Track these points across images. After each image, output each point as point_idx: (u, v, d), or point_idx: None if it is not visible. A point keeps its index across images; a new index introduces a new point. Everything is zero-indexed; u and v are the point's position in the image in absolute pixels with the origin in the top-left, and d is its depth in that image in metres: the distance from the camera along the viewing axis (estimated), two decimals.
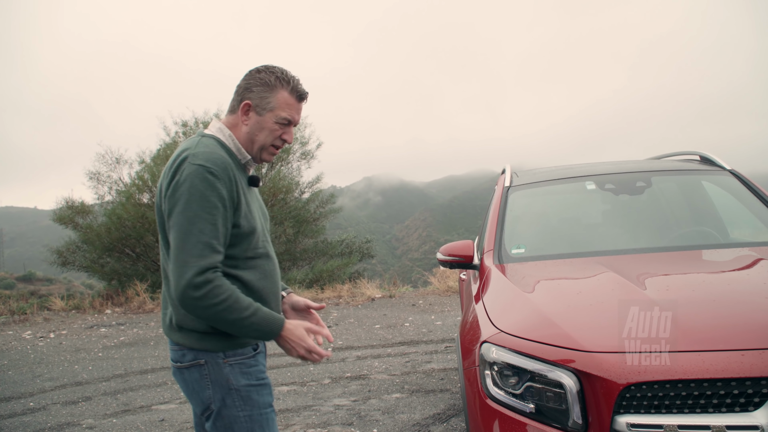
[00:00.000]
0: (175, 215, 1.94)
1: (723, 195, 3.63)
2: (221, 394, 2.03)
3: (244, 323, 1.96)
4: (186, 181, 1.94)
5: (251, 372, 2.09)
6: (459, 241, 3.49)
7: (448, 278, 12.06)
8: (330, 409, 5.02)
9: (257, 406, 2.08)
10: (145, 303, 12.21)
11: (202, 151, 2.00)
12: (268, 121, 2.12)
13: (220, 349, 2.04)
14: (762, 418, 1.80)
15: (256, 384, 2.09)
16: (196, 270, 1.89)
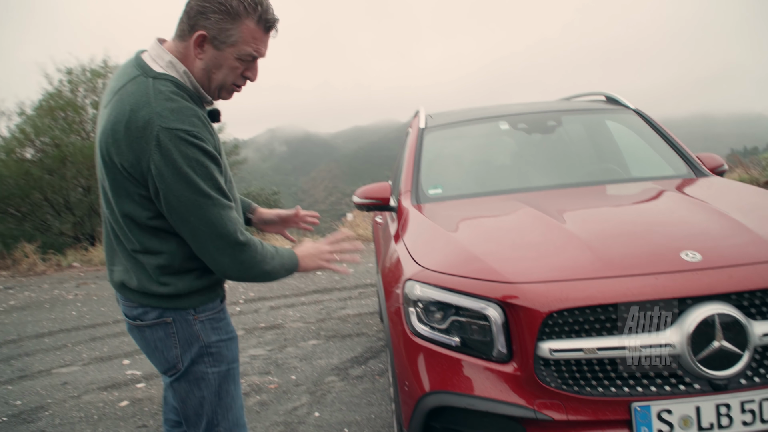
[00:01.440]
0: (180, 194, 1.69)
1: (628, 133, 3.78)
2: (191, 353, 1.88)
3: (277, 266, 1.90)
4: (173, 153, 1.65)
5: (221, 327, 1.96)
6: (375, 183, 3.45)
7: (357, 227, 12.09)
8: (246, 360, 4.96)
9: (226, 361, 1.96)
10: (35, 265, 11.51)
11: (168, 107, 1.67)
12: (228, 57, 1.77)
13: (191, 306, 1.87)
14: (673, 336, 1.90)
15: (226, 339, 1.96)
16: (233, 233, 1.76)
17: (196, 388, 1.91)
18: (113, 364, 5.23)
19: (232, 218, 1.77)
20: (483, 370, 2.08)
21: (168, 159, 1.65)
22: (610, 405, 1.94)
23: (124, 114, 1.67)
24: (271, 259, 1.88)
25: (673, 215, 2.50)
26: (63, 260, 12.05)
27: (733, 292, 1.93)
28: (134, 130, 1.65)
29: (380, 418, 3.59)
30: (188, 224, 1.73)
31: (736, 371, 1.90)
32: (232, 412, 1.99)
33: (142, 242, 1.79)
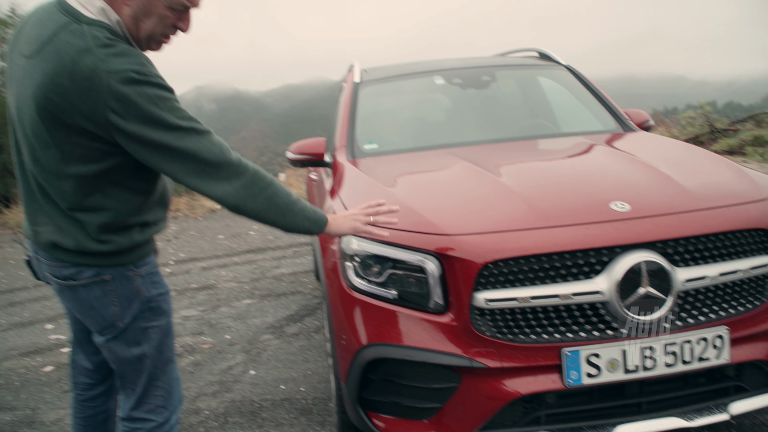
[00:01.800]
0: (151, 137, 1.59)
1: (560, 89, 3.84)
2: (132, 309, 1.81)
3: (294, 209, 1.80)
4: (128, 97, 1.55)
5: (159, 281, 1.90)
6: (310, 139, 3.39)
7: (290, 186, 11.97)
8: (178, 321, 4.85)
9: (165, 315, 1.91)
10: None
11: (111, 53, 1.56)
12: (158, 4, 1.66)
13: (130, 262, 1.79)
14: (602, 284, 1.97)
15: (164, 292, 1.91)
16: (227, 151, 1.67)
17: (135, 345, 1.85)
18: (35, 329, 5.02)
19: (216, 142, 1.69)
20: (420, 321, 2.10)
21: (128, 104, 1.56)
22: (542, 351, 2.00)
23: (65, 66, 1.55)
24: (285, 195, 1.79)
25: (604, 168, 2.57)
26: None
27: (658, 240, 2.01)
28: (81, 81, 1.54)
29: (317, 374, 3.60)
30: (173, 162, 1.65)
31: (660, 315, 1.99)
32: (170, 366, 1.96)
33: (83, 199, 1.69)
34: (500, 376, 2.02)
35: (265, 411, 3.21)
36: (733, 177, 2.41)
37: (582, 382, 1.99)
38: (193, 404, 3.37)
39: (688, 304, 2.06)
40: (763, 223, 2.11)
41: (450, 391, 2.08)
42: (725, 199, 2.18)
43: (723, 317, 2.07)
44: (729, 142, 11.36)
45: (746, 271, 2.07)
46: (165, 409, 1.95)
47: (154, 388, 1.92)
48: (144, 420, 1.93)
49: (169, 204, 1.96)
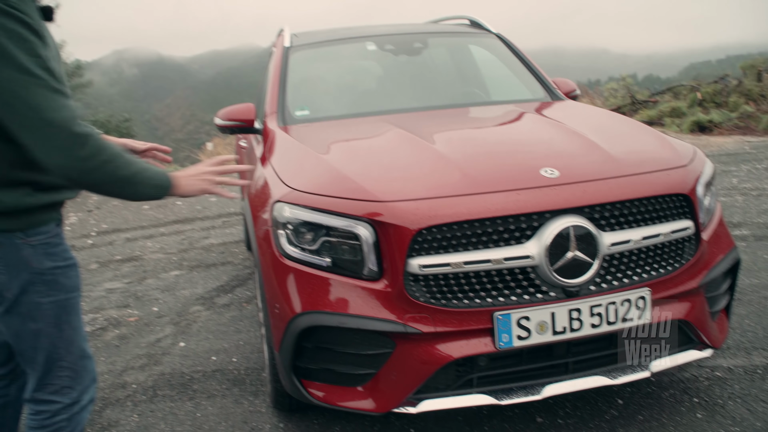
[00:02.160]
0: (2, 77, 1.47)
1: (490, 57, 3.87)
2: (20, 280, 1.69)
3: (138, 179, 1.68)
4: None
5: (57, 252, 1.76)
6: (240, 104, 3.28)
7: (218, 155, 11.68)
8: (102, 294, 4.69)
9: (64, 290, 1.77)
10: None
11: None
12: None
13: (18, 228, 1.66)
14: (532, 248, 2.02)
15: (63, 265, 1.77)
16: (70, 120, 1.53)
17: (29, 320, 1.74)
18: None
19: (66, 105, 1.56)
20: (354, 288, 2.10)
21: None
22: (474, 315, 2.04)
23: None
24: (127, 165, 1.67)
25: (533, 135, 2.61)
26: None
27: (586, 205, 2.06)
28: None
29: (249, 344, 3.56)
30: (12, 109, 1.52)
31: (587, 278, 2.06)
32: (75, 345, 1.84)
33: None
34: (434, 340, 2.05)
35: (196, 383, 3.16)
36: (656, 145, 2.50)
37: (513, 344, 2.04)
38: (120, 378, 3.27)
39: (613, 267, 2.13)
40: (683, 189, 2.20)
41: (384, 356, 2.09)
42: (649, 166, 2.26)
43: (645, 279, 2.16)
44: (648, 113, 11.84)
45: (667, 234, 2.16)
46: (72, 390, 1.85)
47: (57, 368, 1.81)
48: (48, 402, 1.83)
49: None
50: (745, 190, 6.32)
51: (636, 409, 2.58)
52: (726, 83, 12.16)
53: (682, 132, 10.78)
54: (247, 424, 2.73)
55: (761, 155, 8.15)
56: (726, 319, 2.52)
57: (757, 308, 3.47)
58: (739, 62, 13.43)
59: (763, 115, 10.45)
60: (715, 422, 2.45)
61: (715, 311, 2.41)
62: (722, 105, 11.46)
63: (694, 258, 2.23)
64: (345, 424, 2.63)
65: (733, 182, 6.71)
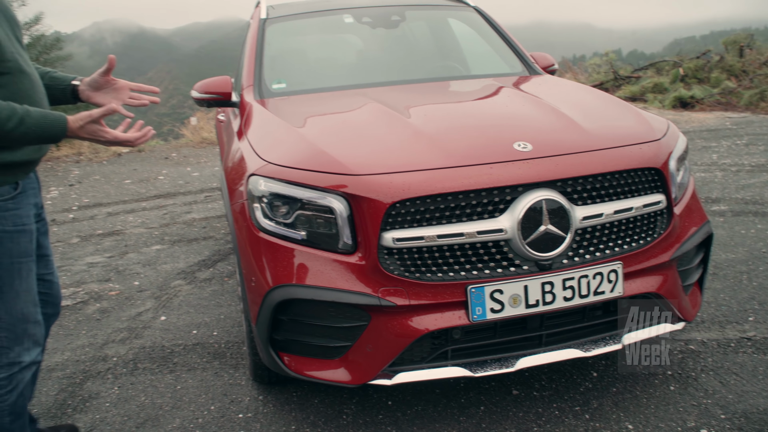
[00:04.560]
0: None
1: (468, 30, 3.85)
2: None
3: (13, 135, 1.69)
4: None
5: (7, 216, 1.82)
6: (216, 77, 3.25)
7: (201, 129, 11.54)
8: (83, 268, 4.67)
9: (9, 254, 1.83)
10: None
11: None
12: None
13: None
14: (505, 222, 2.03)
15: (12, 230, 1.83)
16: None
17: None
18: None
19: None
20: (329, 261, 2.11)
21: None
22: (448, 288, 2.06)
23: None
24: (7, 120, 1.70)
25: (508, 109, 2.62)
26: None
27: (558, 179, 2.08)
28: None
29: (230, 318, 3.57)
30: None
31: (559, 252, 2.08)
32: (17, 307, 1.90)
33: None
34: (408, 313, 2.07)
35: (176, 356, 3.17)
36: (630, 119, 2.51)
37: (486, 317, 2.06)
38: (101, 351, 3.28)
39: (586, 241, 2.16)
40: (655, 163, 2.22)
41: (360, 329, 2.11)
42: (621, 140, 2.27)
43: (617, 253, 2.18)
44: (631, 88, 11.87)
45: (639, 208, 2.19)
46: (10, 350, 1.92)
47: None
48: None
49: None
50: (724, 166, 6.38)
51: (610, 382, 2.63)
52: (708, 59, 12.19)
53: (664, 108, 10.83)
54: (227, 396, 2.75)
55: (741, 131, 8.22)
56: (699, 293, 2.56)
57: (733, 283, 3.53)
58: (722, 38, 13.46)
59: (744, 91, 10.51)
60: (688, 394, 2.51)
61: (687, 285, 2.44)
62: (704, 81, 11.51)
63: (666, 232, 2.26)
64: (324, 397, 2.66)
65: (713, 158, 6.77)
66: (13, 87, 1.80)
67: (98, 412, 2.72)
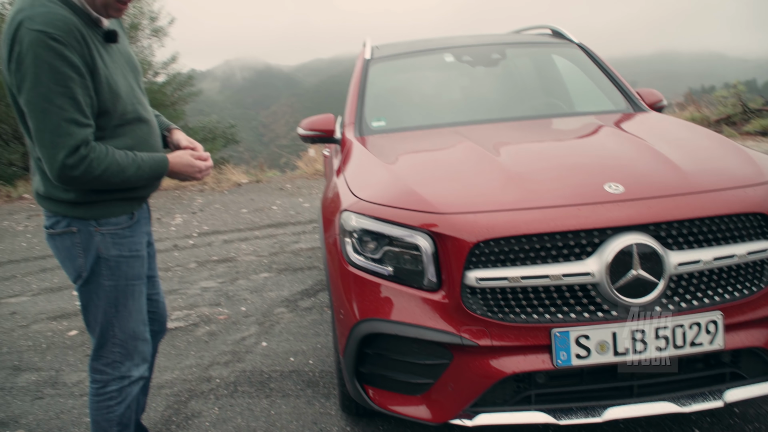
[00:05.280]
0: (27, 93, 1.74)
1: (571, 67, 3.80)
2: (91, 263, 1.99)
3: (130, 179, 1.93)
4: (28, 52, 1.71)
5: (124, 243, 2.04)
6: (320, 115, 3.42)
7: (315, 162, 12.01)
8: (197, 292, 4.98)
9: (125, 277, 2.05)
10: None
11: (40, 12, 1.73)
12: None
13: (92, 218, 1.97)
14: (593, 265, 1.98)
15: (127, 255, 2.05)
16: (67, 151, 1.77)
17: (94, 297, 2.03)
18: (63, 294, 5.21)
19: (75, 134, 1.79)
20: (413, 298, 2.14)
21: (24, 57, 1.72)
22: (532, 331, 2.02)
23: (8, 21, 1.78)
24: (122, 171, 1.91)
25: (603, 149, 2.55)
26: (13, 191, 11.71)
27: (651, 222, 2.00)
28: (9, 33, 1.75)
29: (326, 348, 3.67)
30: (34, 125, 1.79)
31: (652, 299, 1.99)
32: (129, 325, 2.10)
33: None
34: (490, 354, 2.05)
35: (273, 381, 3.30)
36: (735, 159, 2.37)
37: (571, 363, 2.00)
38: (206, 372, 3.48)
39: (681, 288, 2.05)
40: (762, 208, 2.08)
41: (442, 367, 2.12)
42: (723, 182, 2.15)
43: (717, 302, 2.05)
44: (762, 122, 11.06)
45: (743, 256, 2.05)
46: (121, 365, 2.11)
47: (111, 344, 2.09)
48: (101, 371, 2.11)
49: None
50: None
51: None
52: None
53: None
54: (316, 425, 2.83)
55: None
56: None
57: None
58: None
59: None
60: None
61: None
62: None
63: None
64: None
65: None
66: (134, 135, 2.02)
67: (198, 430, 2.88)
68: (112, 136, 1.94)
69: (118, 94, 1.93)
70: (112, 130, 1.94)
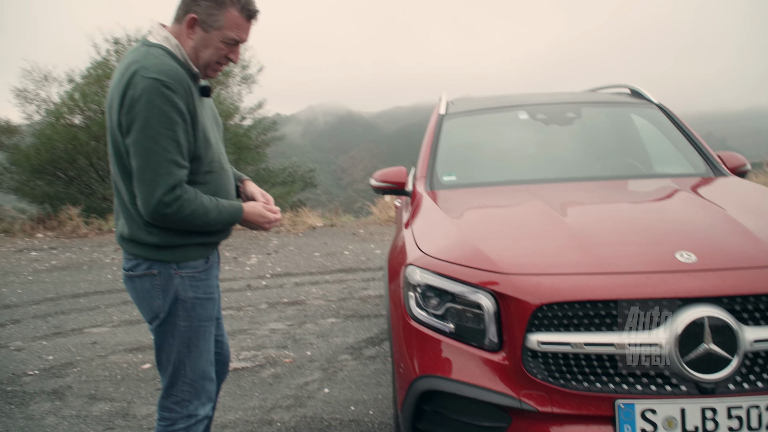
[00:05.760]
0: (136, 134, 1.92)
1: (649, 128, 3.73)
2: (169, 304, 2.10)
3: (211, 223, 2.07)
4: (142, 96, 1.89)
5: (200, 286, 2.16)
6: (393, 168, 3.50)
7: (389, 209, 12.14)
8: (265, 333, 5.08)
9: (198, 318, 2.16)
10: (78, 228, 11.87)
11: (153, 63, 1.94)
12: (214, 39, 2.05)
13: (173, 261, 2.09)
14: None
15: (203, 297, 2.17)
16: (165, 189, 1.92)
17: (169, 337, 2.13)
18: (140, 327, 5.43)
19: (174, 174, 1.94)
20: (473, 357, 2.12)
21: (137, 102, 1.90)
22: (594, 400, 1.96)
23: (120, 71, 1.98)
24: (204, 215, 2.04)
25: (677, 215, 2.48)
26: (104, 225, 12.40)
27: (725, 295, 1.92)
28: (122, 80, 1.94)
29: (387, 399, 3.66)
30: (136, 164, 1.95)
31: (724, 376, 1.89)
32: (199, 365, 2.20)
33: (133, 193, 2.02)
34: (550, 421, 2.00)
35: (333, 430, 3.31)
36: None
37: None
38: (268, 415, 3.53)
39: (758, 366, 1.94)
40: None
41: (500, 430, 2.07)
42: None
43: None
44: None
45: None
46: (190, 404, 2.19)
47: (182, 383, 2.17)
48: (170, 409, 2.19)
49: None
50: None
51: None
52: None
53: None
54: None
55: None
56: None
57: None
58: None
59: None
60: None
61: None
62: None
63: None
64: None
65: None
66: (216, 182, 2.18)
67: None
68: (200, 182, 2.10)
69: (209, 142, 2.11)
70: (201, 175, 2.10)
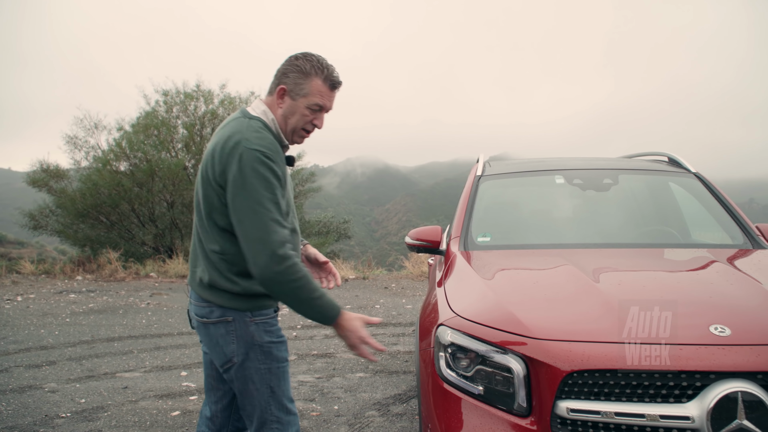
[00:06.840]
0: (242, 198, 2.09)
1: (686, 196, 3.73)
2: (245, 349, 2.24)
3: (312, 303, 2.15)
4: (247, 165, 2.09)
5: (273, 330, 2.30)
6: (428, 226, 3.56)
7: (422, 264, 12.15)
8: (294, 385, 5.09)
9: (276, 360, 2.29)
10: (116, 271, 12.17)
11: (254, 135, 2.15)
12: (300, 106, 2.26)
13: (248, 309, 2.24)
14: (694, 410, 1.89)
15: (276, 341, 2.31)
16: (276, 245, 2.07)
17: (250, 381, 2.26)
18: (172, 374, 5.48)
19: (279, 232, 2.10)
20: (501, 421, 2.11)
21: (242, 169, 2.10)
22: None
23: (223, 138, 2.18)
24: (309, 290, 2.13)
25: (712, 287, 2.46)
26: (142, 269, 12.68)
27: (759, 371, 1.90)
28: (226, 149, 2.14)
29: None
30: (242, 225, 2.11)
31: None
32: (283, 404, 2.31)
33: (220, 244, 2.21)
34: None
35: None
36: None
37: None
38: None
39: None
40: None
41: None
42: None
43: None
44: None
45: None
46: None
47: (269, 422, 2.29)
48: None
49: None
50: None
51: None
52: None
53: None
54: None
55: None
56: None
57: None
58: None
59: None
60: None
61: None
62: None
63: None
64: None
65: None
66: (294, 244, 2.30)
67: None
68: None
69: (291, 205, 2.31)
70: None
